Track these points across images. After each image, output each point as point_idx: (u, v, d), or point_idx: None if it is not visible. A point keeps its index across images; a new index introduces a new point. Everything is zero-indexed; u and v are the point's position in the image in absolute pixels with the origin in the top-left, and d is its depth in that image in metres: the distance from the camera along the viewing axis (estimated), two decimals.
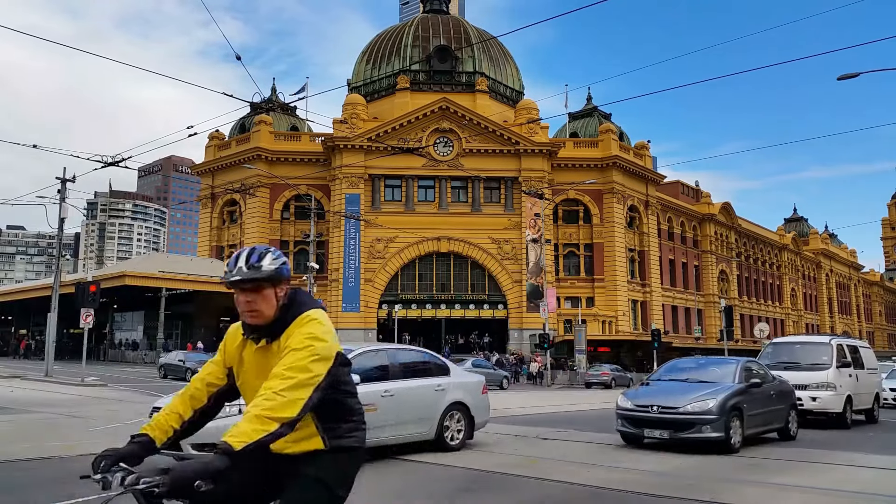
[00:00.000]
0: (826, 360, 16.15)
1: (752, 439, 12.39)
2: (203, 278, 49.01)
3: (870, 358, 18.65)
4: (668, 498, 7.84)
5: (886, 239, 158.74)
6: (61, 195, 29.09)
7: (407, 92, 55.31)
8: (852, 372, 16.52)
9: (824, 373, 15.86)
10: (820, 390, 15.66)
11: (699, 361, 15.02)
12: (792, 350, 17.47)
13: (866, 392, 17.44)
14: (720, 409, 10.94)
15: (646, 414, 11.46)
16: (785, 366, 15.99)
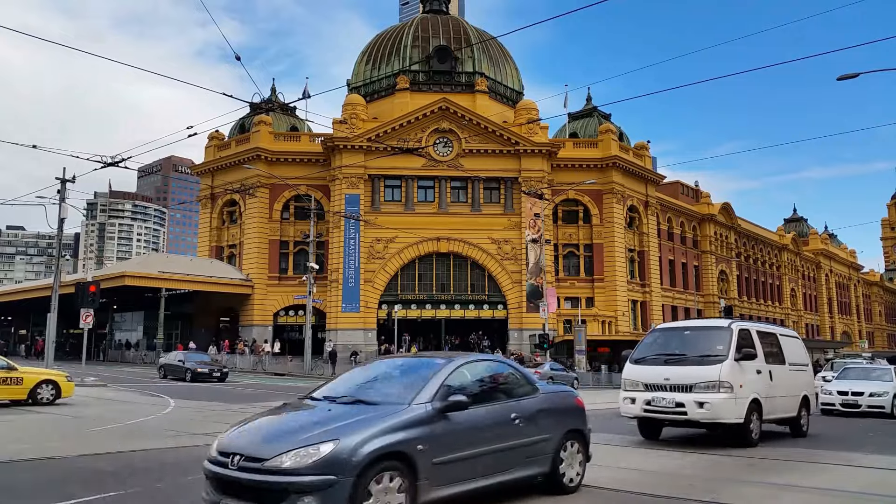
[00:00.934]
0: (721, 351, 12.16)
1: None
2: (203, 278, 49.06)
3: (795, 350, 14.62)
4: (668, 498, 7.85)
5: (886, 239, 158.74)
6: (61, 195, 29.07)
7: (407, 92, 55.30)
8: (763, 367, 12.75)
9: (716, 367, 11.86)
10: (709, 392, 11.71)
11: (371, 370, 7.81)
12: (680, 338, 13.33)
13: (786, 395, 13.55)
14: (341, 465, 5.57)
15: None
16: (666, 359, 12.58)
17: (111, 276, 45.42)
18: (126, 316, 57.68)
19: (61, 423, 14.51)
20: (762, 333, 13.45)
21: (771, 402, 12.70)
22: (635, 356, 13.21)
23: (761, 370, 12.65)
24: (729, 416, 11.70)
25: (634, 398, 12.63)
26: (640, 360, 13.02)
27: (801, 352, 15.12)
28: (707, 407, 11.66)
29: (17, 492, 7.69)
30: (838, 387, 20.99)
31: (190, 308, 53.34)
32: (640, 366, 12.99)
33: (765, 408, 12.47)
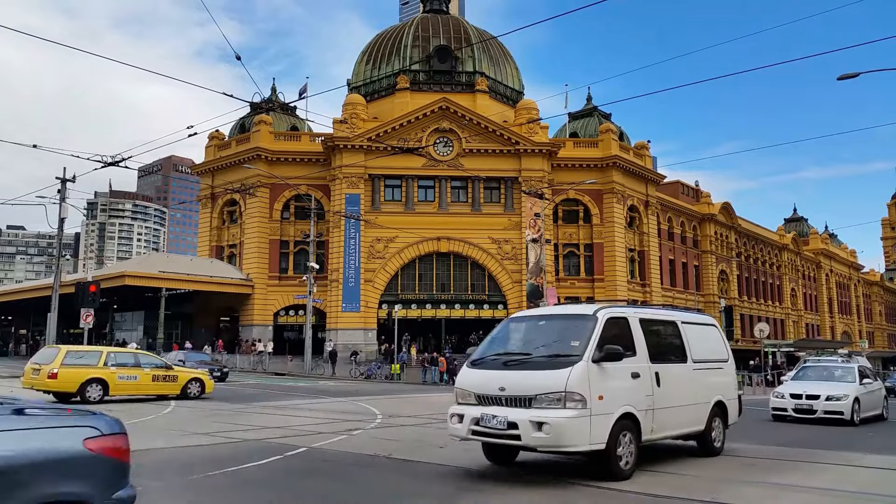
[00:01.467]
0: (576, 349, 8.72)
1: None
2: (203, 278, 49.05)
3: (706, 343, 11.28)
4: (668, 498, 7.84)
5: (886, 239, 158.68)
6: (61, 195, 29.10)
7: (407, 92, 55.28)
8: (643, 368, 9.28)
9: (563, 373, 8.39)
10: (552, 407, 8.29)
11: None
12: (534, 331, 9.86)
13: (687, 403, 10.23)
14: None
15: None
16: (507, 361, 9.08)
17: (111, 276, 45.40)
18: (126, 316, 57.66)
19: None
20: (650, 322, 10.05)
21: (659, 415, 9.37)
22: (474, 356, 9.71)
23: (640, 373, 9.19)
24: (579, 442, 8.20)
25: (463, 414, 8.98)
26: (479, 363, 9.39)
27: (717, 345, 11.67)
28: (547, 429, 8.07)
29: None
30: (791, 389, 18.44)
31: (190, 308, 53.33)
32: (477, 370, 9.32)
33: (646, 425, 9.10)
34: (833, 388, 17.84)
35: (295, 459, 10.16)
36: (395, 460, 10.22)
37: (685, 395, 10.20)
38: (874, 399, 19.21)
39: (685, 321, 10.97)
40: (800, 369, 21.43)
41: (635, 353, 9.27)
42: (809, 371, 20.58)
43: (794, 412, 17.77)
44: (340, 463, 9.95)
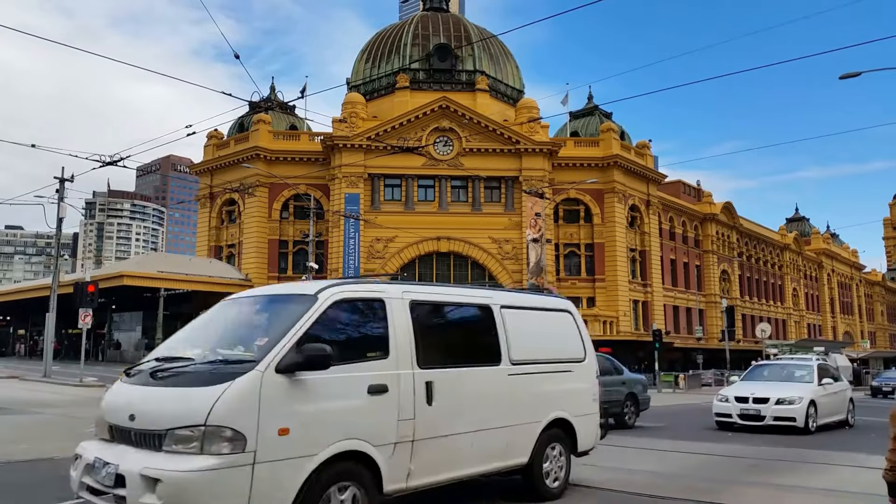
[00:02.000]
0: (258, 351, 5.50)
1: None
2: (202, 278, 48.89)
3: (548, 338, 8.20)
4: (668, 498, 7.77)
5: (888, 239, 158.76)
6: (59, 195, 28.96)
7: (407, 91, 55.15)
8: (394, 379, 6.11)
9: (212, 391, 5.03)
10: (183, 453, 4.95)
11: None
12: (229, 320, 6.58)
13: (488, 428, 6.98)
14: None
15: None
16: (158, 369, 5.73)
17: (110, 276, 45.28)
18: (125, 316, 57.54)
19: (60, 424, 14.35)
20: (433, 306, 6.94)
21: (427, 449, 6.21)
22: (145, 359, 6.37)
23: (388, 386, 5.99)
24: None
25: (79, 457, 5.79)
26: (136, 370, 6.02)
27: (567, 339, 8.44)
28: (162, 492, 4.76)
29: (17, 492, 7.54)
30: (738, 391, 16.11)
31: (189, 308, 53.08)
32: (128, 382, 5.92)
33: (394, 467, 5.90)
34: (785, 390, 15.58)
35: None
36: None
37: (488, 414, 6.94)
38: (836, 402, 16.86)
39: (508, 304, 7.67)
40: (752, 368, 18.65)
41: (387, 354, 6.12)
42: (762, 370, 17.99)
43: (739, 418, 15.49)
44: None
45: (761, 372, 17.83)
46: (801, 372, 16.85)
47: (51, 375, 27.71)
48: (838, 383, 17.38)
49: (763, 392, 15.60)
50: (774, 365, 18.50)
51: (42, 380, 27.05)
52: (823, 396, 16.03)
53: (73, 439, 11.58)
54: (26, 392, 21.89)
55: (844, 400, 17.44)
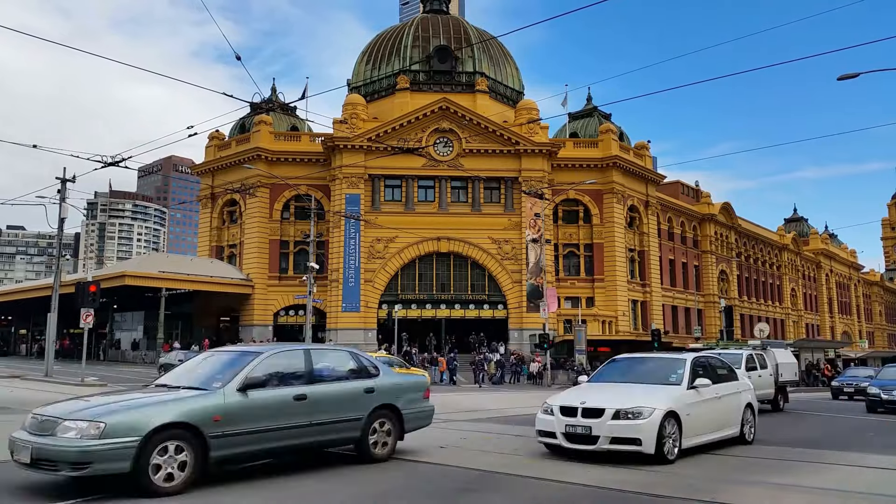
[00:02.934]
0: None
1: None
2: (203, 278, 49.04)
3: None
4: (668, 498, 7.83)
5: (886, 239, 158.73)
6: (61, 195, 29.09)
7: (407, 92, 55.29)
8: None
9: None
10: None
11: None
12: None
13: None
14: None
15: None
16: None
17: (111, 276, 45.40)
18: (126, 316, 57.67)
19: None
20: None
21: None
22: None
23: None
24: None
25: None
26: None
27: None
28: None
29: (17, 492, 7.67)
30: (565, 400, 10.67)
31: (190, 308, 53.35)
32: None
33: None
34: (630, 399, 10.20)
35: None
36: (394, 460, 10.19)
37: None
38: (719, 413, 11.57)
39: None
40: (606, 364, 12.96)
41: None
42: (619, 367, 12.47)
43: (565, 439, 10.20)
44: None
45: (612, 371, 12.36)
46: (663, 371, 11.68)
47: (52, 375, 27.84)
48: (727, 384, 12.21)
49: (598, 402, 10.25)
50: (632, 360, 12.96)
51: (44, 379, 27.16)
52: (695, 405, 10.80)
53: None
54: (28, 392, 22.02)
55: (737, 408, 12.20)
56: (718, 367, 12.63)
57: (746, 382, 13.47)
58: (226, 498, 7.53)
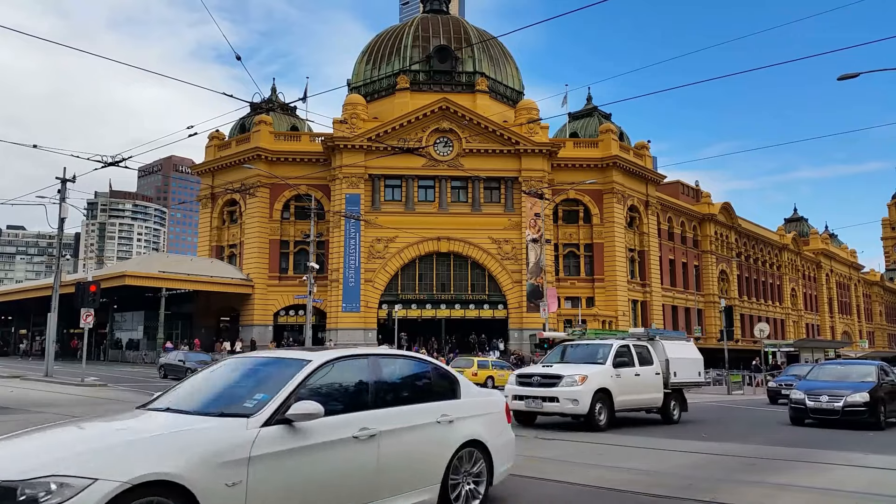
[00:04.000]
0: None
1: None
2: (203, 278, 49.04)
3: None
4: (668, 498, 7.84)
5: (886, 239, 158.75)
6: (61, 195, 29.09)
7: (407, 92, 55.29)
8: None
9: None
10: None
11: None
12: None
13: None
14: None
15: None
16: None
17: (111, 276, 45.40)
18: (126, 316, 57.64)
19: None
20: None
21: None
22: None
23: None
24: None
25: None
26: None
27: None
28: None
29: None
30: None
31: (190, 308, 53.34)
32: None
33: None
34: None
35: None
36: None
37: None
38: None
39: None
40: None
41: None
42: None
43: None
44: None
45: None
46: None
47: (53, 375, 27.85)
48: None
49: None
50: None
51: (44, 379, 27.17)
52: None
53: None
54: (28, 392, 22.04)
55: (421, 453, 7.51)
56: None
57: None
58: None
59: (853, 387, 16.65)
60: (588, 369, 14.77)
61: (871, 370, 17.75)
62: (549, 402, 14.36)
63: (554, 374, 14.61)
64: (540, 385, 14.69)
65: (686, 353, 18.45)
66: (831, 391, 16.68)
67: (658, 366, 16.61)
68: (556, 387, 14.34)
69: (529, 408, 14.61)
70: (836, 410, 16.26)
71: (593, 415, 14.21)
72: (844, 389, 16.59)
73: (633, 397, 15.65)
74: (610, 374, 15.01)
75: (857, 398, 16.19)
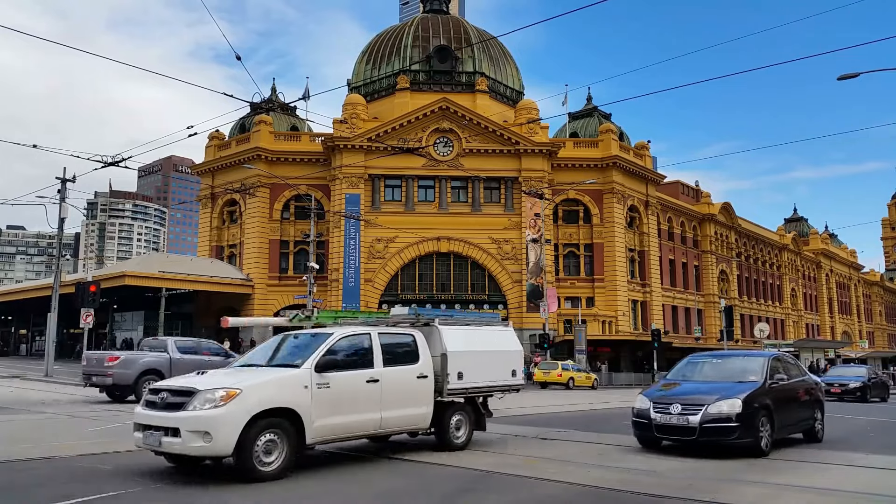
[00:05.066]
0: None
1: None
2: (203, 278, 49.02)
3: None
4: (668, 498, 7.84)
5: (886, 239, 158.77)
6: (61, 195, 29.11)
7: (407, 92, 55.27)
8: None
9: None
10: None
11: None
12: None
13: None
14: None
15: None
16: None
17: (111, 276, 45.38)
18: (126, 316, 57.63)
19: (61, 423, 14.50)
20: None
21: None
22: None
23: None
24: None
25: None
26: None
27: None
28: None
29: (17, 492, 7.68)
30: None
31: (190, 308, 53.31)
32: None
33: None
34: None
35: None
36: (395, 460, 10.21)
37: None
38: None
39: None
40: None
41: None
42: None
43: None
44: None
45: None
46: None
47: (52, 375, 27.86)
48: None
49: None
50: None
51: (44, 379, 27.19)
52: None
53: (75, 439, 11.78)
54: (28, 392, 22.04)
55: None
56: None
57: None
58: None
59: (723, 390, 11.32)
60: (256, 377, 8.97)
61: (758, 364, 12.34)
62: (170, 438, 8.20)
63: (185, 389, 8.55)
64: (165, 408, 8.48)
65: (485, 343, 12.18)
66: (688, 398, 11.35)
67: (426, 364, 10.75)
68: (182, 410, 8.26)
69: (148, 445, 8.49)
70: (692, 428, 10.89)
71: (248, 457, 8.16)
72: (708, 395, 11.21)
73: (359, 418, 9.60)
74: (301, 383, 8.92)
75: (724, 408, 10.83)
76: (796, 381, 12.99)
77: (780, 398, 11.87)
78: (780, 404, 11.73)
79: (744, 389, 11.25)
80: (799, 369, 13.73)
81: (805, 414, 13.00)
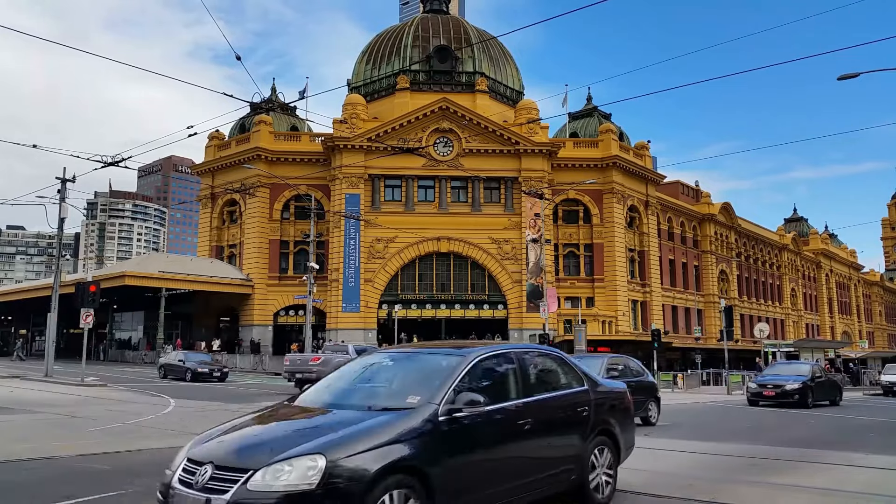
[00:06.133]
0: None
1: None
2: (203, 278, 49.04)
3: None
4: (668, 498, 7.83)
5: (886, 239, 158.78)
6: (61, 195, 29.09)
7: (407, 92, 55.28)
8: None
9: None
10: None
11: None
12: None
13: None
14: None
15: None
16: None
17: (111, 276, 45.41)
18: (126, 316, 57.70)
19: (61, 424, 14.50)
20: None
21: None
22: None
23: None
24: None
25: None
26: None
27: None
28: None
29: (18, 492, 7.68)
30: None
31: (190, 308, 53.33)
32: None
33: None
34: None
35: None
36: None
37: None
38: None
39: None
40: None
41: None
42: None
43: None
44: None
45: None
46: None
47: (52, 375, 27.85)
48: None
49: None
50: None
51: (44, 379, 27.18)
52: None
53: (75, 439, 11.78)
54: (28, 392, 22.05)
55: None
56: None
57: None
58: None
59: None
60: None
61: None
62: None
63: None
64: None
65: None
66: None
67: None
68: None
69: None
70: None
71: None
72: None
73: None
74: None
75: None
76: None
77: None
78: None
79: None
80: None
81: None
